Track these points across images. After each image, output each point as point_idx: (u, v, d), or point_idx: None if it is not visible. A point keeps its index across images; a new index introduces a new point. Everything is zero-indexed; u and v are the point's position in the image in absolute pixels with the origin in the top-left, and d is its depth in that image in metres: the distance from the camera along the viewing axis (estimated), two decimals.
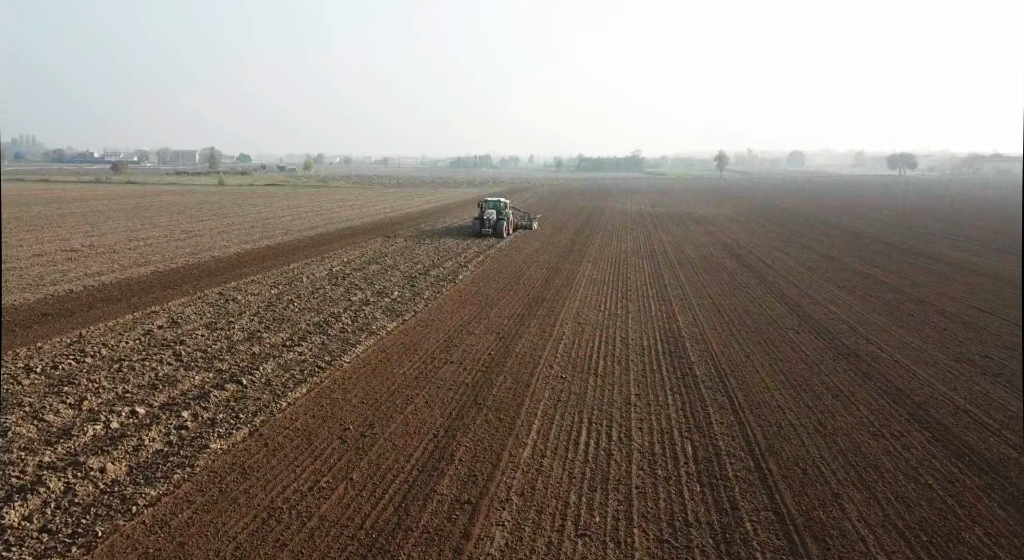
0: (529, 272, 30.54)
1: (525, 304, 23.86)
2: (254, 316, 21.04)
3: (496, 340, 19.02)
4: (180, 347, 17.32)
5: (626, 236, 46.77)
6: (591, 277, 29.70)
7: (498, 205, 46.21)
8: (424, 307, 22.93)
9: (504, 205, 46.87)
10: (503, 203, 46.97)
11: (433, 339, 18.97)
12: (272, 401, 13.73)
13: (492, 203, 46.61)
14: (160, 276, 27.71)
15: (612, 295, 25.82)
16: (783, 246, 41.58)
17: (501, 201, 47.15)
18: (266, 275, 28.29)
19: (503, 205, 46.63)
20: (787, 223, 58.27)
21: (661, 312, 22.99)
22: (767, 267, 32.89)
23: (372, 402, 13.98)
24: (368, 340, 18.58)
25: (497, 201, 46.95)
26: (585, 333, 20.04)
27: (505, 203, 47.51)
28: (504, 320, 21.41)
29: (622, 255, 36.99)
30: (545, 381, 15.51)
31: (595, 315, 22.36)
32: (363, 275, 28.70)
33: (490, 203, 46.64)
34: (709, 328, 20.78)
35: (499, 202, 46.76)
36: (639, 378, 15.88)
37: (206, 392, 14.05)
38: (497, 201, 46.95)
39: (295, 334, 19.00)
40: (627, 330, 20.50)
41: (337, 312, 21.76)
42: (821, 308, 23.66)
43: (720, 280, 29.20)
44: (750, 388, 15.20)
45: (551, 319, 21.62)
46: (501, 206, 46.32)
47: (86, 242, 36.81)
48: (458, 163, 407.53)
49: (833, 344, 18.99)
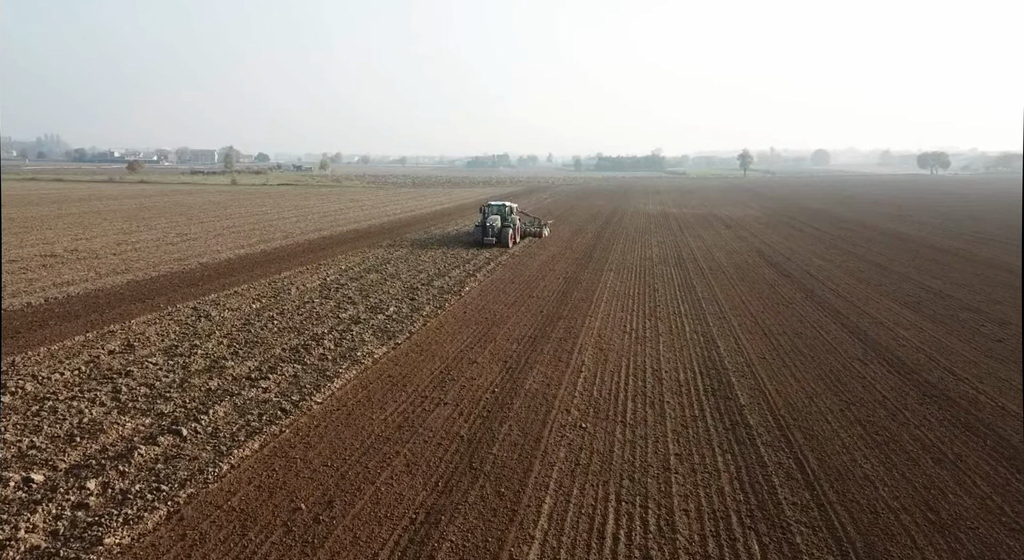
0: (544, 283, 27.37)
1: (538, 322, 20.73)
2: (225, 337, 18.16)
3: (502, 372, 15.90)
4: (124, 381, 14.45)
5: (650, 240, 43.35)
6: (614, 289, 26.45)
7: (503, 210, 40.56)
8: (421, 327, 19.90)
9: (510, 210, 40.85)
10: (508, 207, 40.97)
11: (427, 370, 15.91)
12: (212, 462, 10.76)
13: (496, 207, 40.87)
14: (135, 287, 25.01)
15: (639, 312, 22.57)
16: (823, 252, 37.89)
17: (506, 205, 41.26)
18: (252, 285, 25.49)
19: (508, 210, 40.71)
20: (822, 226, 54.35)
21: (697, 334, 19.70)
22: (811, 277, 29.36)
23: (338, 465, 10.95)
24: (350, 371, 15.58)
25: (501, 205, 41.07)
26: (609, 362, 16.85)
27: (511, 207, 41.28)
28: (513, 344, 18.29)
29: (647, 263, 33.67)
30: (560, 433, 12.37)
31: (620, 338, 19.15)
32: (359, 286, 25.77)
33: (493, 208, 40.89)
34: (756, 356, 17.47)
35: (504, 206, 40.96)
36: (678, 429, 12.67)
37: (132, 448, 11.12)
38: (501, 205, 41.07)
39: (266, 362, 16.07)
40: (659, 358, 17.28)
41: (321, 333, 18.81)
42: (886, 331, 20.18)
43: (760, 293, 25.78)
44: (822, 447, 11.91)
45: (568, 343, 18.46)
46: (506, 211, 40.54)
47: (71, 246, 34.38)
48: (475, 163, 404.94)
49: (913, 381, 15.58)
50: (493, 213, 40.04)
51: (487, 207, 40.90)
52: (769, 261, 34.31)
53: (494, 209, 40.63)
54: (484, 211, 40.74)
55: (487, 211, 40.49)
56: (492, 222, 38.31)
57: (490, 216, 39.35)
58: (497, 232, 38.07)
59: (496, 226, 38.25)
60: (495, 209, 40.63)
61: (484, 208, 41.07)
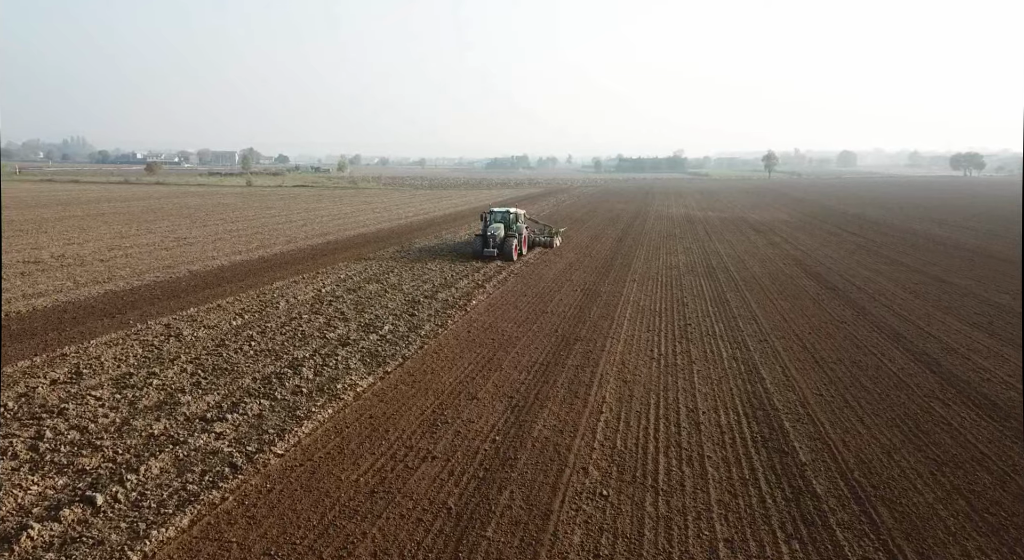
0: (560, 296, 24.69)
1: (552, 345, 18.08)
2: (190, 363, 15.79)
3: (506, 411, 13.28)
4: (52, 422, 12.10)
5: (675, 247, 40.39)
6: (637, 304, 23.69)
7: (507, 217, 35.19)
8: (418, 350, 17.35)
9: (515, 217, 35.63)
10: (513, 214, 35.68)
11: (417, 408, 13.35)
12: (119, 551, 8.28)
13: (499, 214, 35.44)
14: (110, 299, 22.85)
15: (667, 332, 19.81)
16: (869, 261, 34.65)
17: (511, 211, 35.82)
18: (239, 297, 23.19)
19: (513, 216, 35.47)
20: (861, 231, 50.83)
21: (736, 361, 16.89)
22: (859, 291, 26.29)
23: (285, 553, 8.40)
24: (325, 409, 13.08)
25: (506, 212, 35.73)
26: (635, 398, 14.14)
27: (516, 214, 35.95)
28: (521, 373, 15.66)
29: (673, 272, 30.81)
30: (575, 504, 9.71)
31: (647, 366, 16.42)
32: (355, 299, 23.34)
33: (496, 214, 35.46)
34: (811, 392, 14.63)
35: (508, 213, 35.53)
36: (725, 499, 9.94)
37: (23, 527, 8.68)
38: (506, 212, 35.73)
39: (229, 396, 13.64)
40: (693, 393, 14.53)
41: (302, 357, 16.36)
42: (961, 360, 17.18)
43: (804, 310, 22.83)
44: (920, 534, 9.09)
45: (586, 372, 15.78)
46: (511, 218, 35.17)
47: (59, 252, 32.50)
48: (494, 164, 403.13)
49: (1012, 430, 12.63)
50: (496, 221, 34.94)
51: (489, 214, 35.77)
52: (808, 271, 31.23)
53: (497, 216, 35.37)
54: (485, 218, 35.57)
55: (489, 218, 35.31)
56: (494, 231, 33.42)
57: (492, 224, 34.37)
58: (500, 243, 33.14)
59: (499, 236, 33.39)
60: (498, 216, 35.38)
61: (485, 215, 35.91)
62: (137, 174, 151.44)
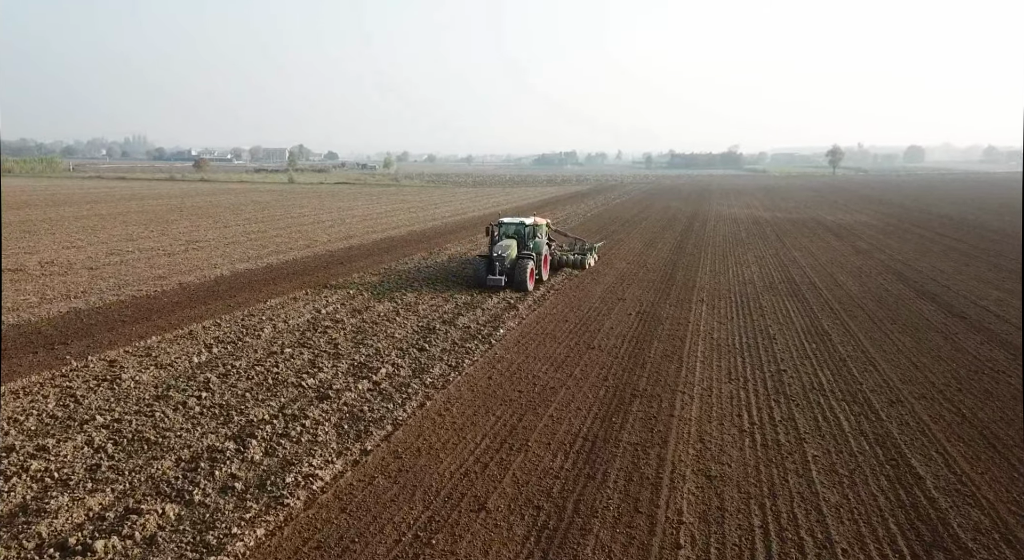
0: (610, 322, 19.76)
1: (600, 404, 13.23)
2: (105, 428, 11.66)
3: (527, 538, 8.53)
4: None
5: (746, 255, 34.69)
6: (710, 336, 18.54)
7: (521, 232, 25.71)
8: (416, 410, 12.79)
9: (532, 231, 25.91)
10: (530, 227, 25.85)
11: (391, 531, 8.73)
12: None
13: (512, 227, 25.91)
14: (67, 321, 19.16)
15: (756, 383, 14.66)
16: (991, 276, 28.28)
17: (527, 223, 25.90)
18: (220, 320, 19.19)
19: (530, 230, 25.85)
20: (965, 237, 43.66)
21: (868, 441, 11.66)
22: (1000, 320, 20.38)
23: None
24: (255, 528, 8.63)
25: (520, 224, 25.91)
26: (728, 516, 9.18)
27: (534, 228, 26.10)
28: (556, 457, 10.87)
29: (748, 288, 25.38)
30: None
31: (737, 446, 11.38)
32: (358, 323, 19.01)
33: (508, 227, 25.96)
34: (1002, 505, 9.35)
35: (523, 227, 25.78)
36: None
37: None
38: (520, 224, 25.91)
39: (130, 494, 9.37)
40: (818, 504, 9.46)
41: (258, 420, 12.03)
42: None
43: (936, 350, 17.24)
44: None
45: (651, 458, 10.87)
46: (526, 233, 25.67)
47: (51, 257, 29.43)
48: (542, 160, 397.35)
49: None
50: (507, 235, 25.75)
51: (498, 226, 26.19)
52: (919, 289, 25.28)
53: (509, 229, 25.94)
54: (493, 233, 26.08)
55: (497, 233, 25.96)
56: (503, 253, 23.89)
57: (501, 241, 25.23)
58: (509, 268, 23.82)
59: (509, 257, 23.89)
60: (511, 229, 25.93)
61: (493, 228, 26.28)
62: (185, 171, 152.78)
